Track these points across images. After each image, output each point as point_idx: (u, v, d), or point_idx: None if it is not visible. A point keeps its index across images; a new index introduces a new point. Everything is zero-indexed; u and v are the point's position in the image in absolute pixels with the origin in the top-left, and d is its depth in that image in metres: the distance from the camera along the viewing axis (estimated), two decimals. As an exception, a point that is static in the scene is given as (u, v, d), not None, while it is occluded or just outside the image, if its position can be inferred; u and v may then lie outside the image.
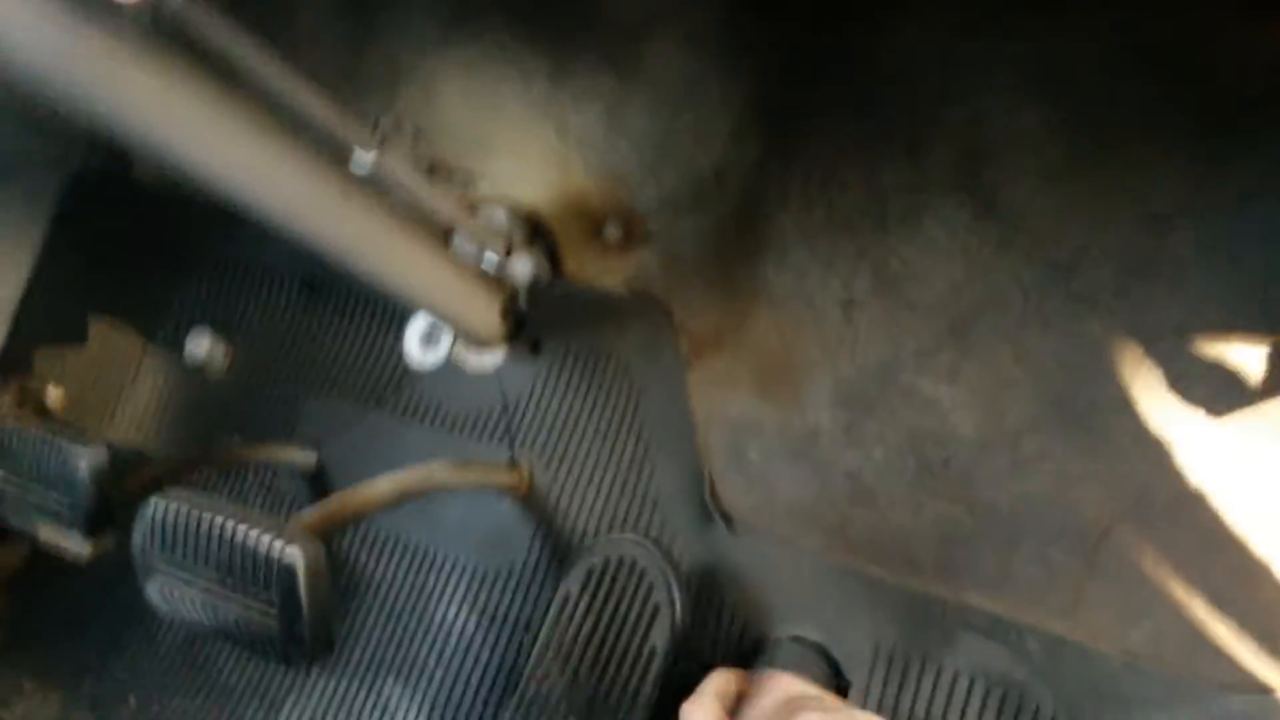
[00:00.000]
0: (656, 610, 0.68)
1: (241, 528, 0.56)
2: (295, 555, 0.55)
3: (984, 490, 0.64)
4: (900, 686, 0.64)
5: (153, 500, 0.59)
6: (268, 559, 0.55)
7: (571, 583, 0.71)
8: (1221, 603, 0.62)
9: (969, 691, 0.63)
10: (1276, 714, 0.60)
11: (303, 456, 0.86)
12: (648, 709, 0.67)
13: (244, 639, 0.58)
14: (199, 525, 0.57)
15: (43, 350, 0.98)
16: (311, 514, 0.62)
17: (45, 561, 0.96)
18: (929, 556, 0.64)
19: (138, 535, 0.59)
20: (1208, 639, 0.62)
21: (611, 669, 0.68)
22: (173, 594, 0.60)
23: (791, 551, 0.66)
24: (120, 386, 0.98)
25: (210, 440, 0.92)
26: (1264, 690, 0.61)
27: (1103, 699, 0.61)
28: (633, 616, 0.68)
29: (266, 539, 0.55)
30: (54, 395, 0.95)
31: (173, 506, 0.58)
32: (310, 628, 0.55)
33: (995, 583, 0.63)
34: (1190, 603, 0.62)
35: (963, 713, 0.63)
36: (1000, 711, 0.63)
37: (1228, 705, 0.60)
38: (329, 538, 0.60)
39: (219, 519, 0.57)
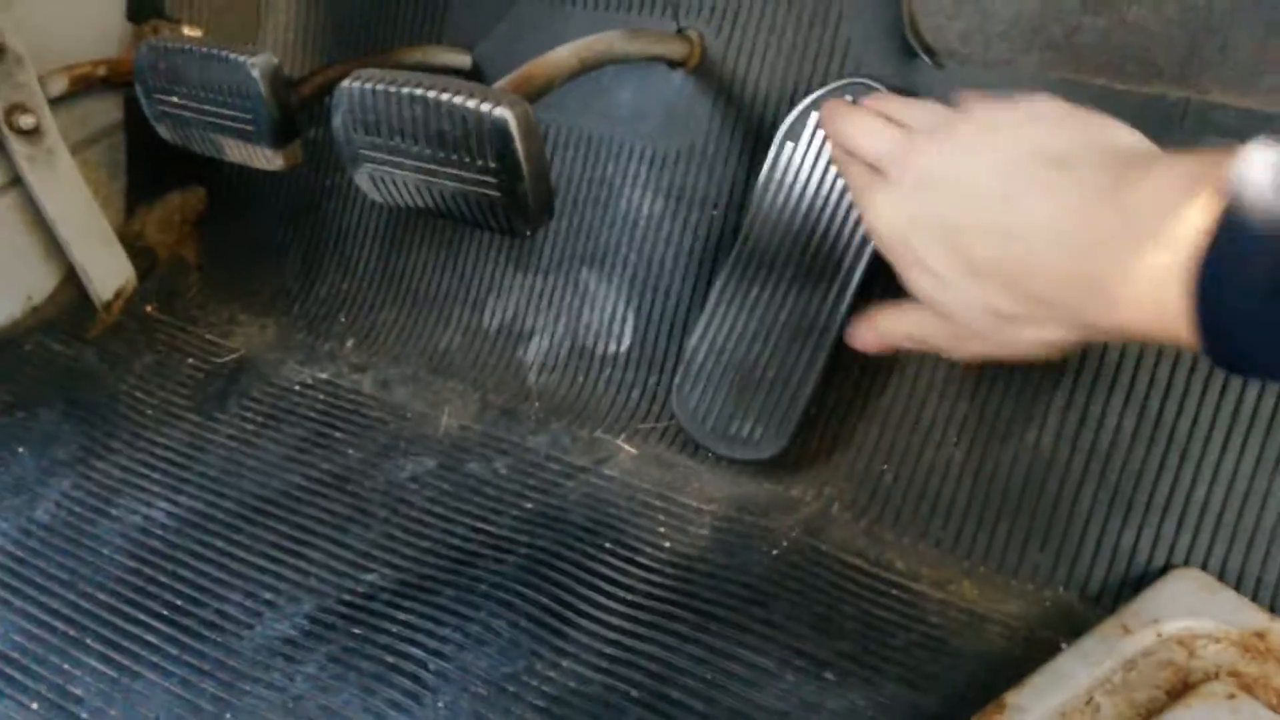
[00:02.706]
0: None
1: (445, 95, 0.54)
2: (506, 114, 0.53)
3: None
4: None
5: (346, 83, 0.57)
6: (479, 122, 0.54)
7: (791, 134, 0.69)
8: None
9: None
10: None
11: (456, 57, 0.84)
12: (865, 250, 0.67)
13: (464, 213, 0.59)
14: (399, 100, 0.56)
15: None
16: (503, 84, 0.60)
17: (225, 202, 0.99)
18: (1171, 56, 0.58)
19: (338, 121, 0.58)
20: None
21: (826, 219, 0.68)
22: (384, 179, 0.60)
23: (1009, 74, 0.61)
24: (256, 15, 0.95)
25: (361, 53, 0.89)
26: None
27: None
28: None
29: (474, 102, 0.54)
30: (192, 36, 0.92)
31: (368, 86, 0.56)
32: (531, 187, 0.55)
33: (1247, 75, 0.57)
34: None
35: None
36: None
37: None
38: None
39: (420, 90, 0.55)
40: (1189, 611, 0.58)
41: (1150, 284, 0.39)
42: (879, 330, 0.55)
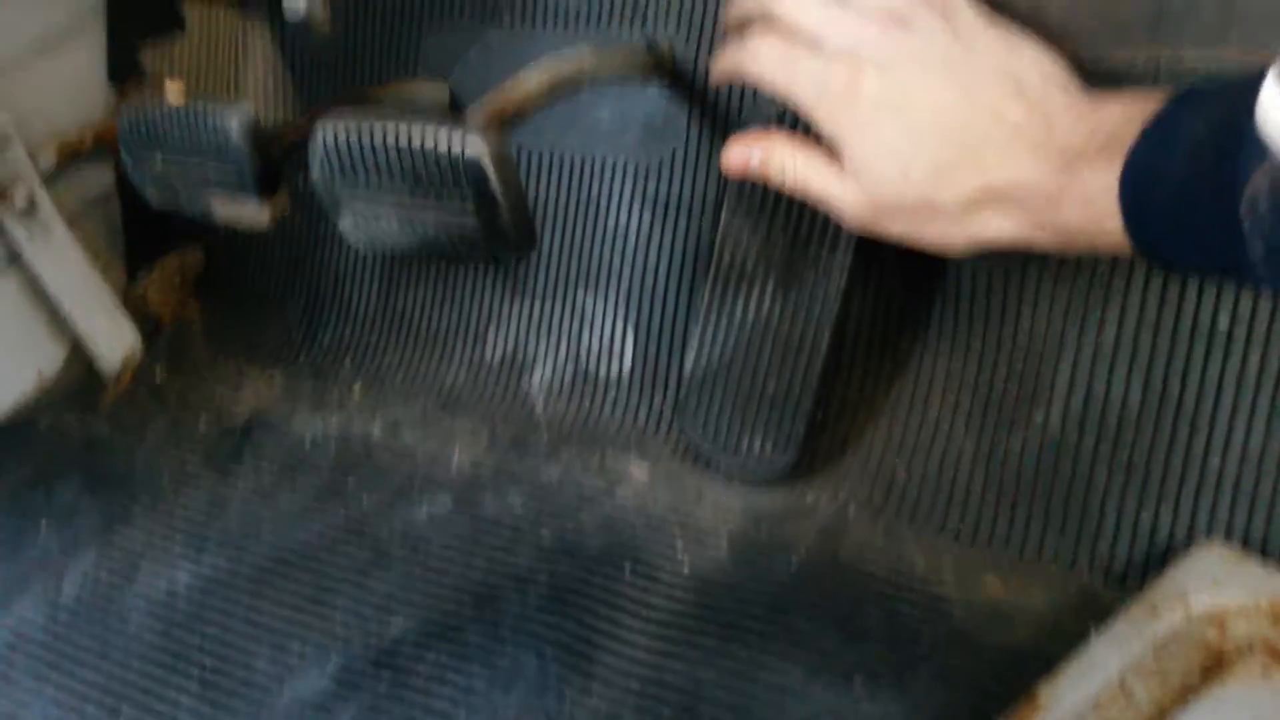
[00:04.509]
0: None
1: (417, 128, 0.54)
2: (478, 143, 0.53)
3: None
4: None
5: (319, 127, 0.57)
6: (450, 154, 0.54)
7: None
8: None
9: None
10: None
11: (434, 89, 0.84)
12: (848, 249, 0.66)
13: (447, 246, 0.58)
14: (372, 138, 0.56)
15: (147, 48, 0.96)
16: (476, 112, 0.59)
17: (223, 258, 1.00)
18: (1138, 16, 0.57)
19: (315, 167, 0.58)
20: None
21: (806, 218, 0.67)
22: (366, 223, 0.60)
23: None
24: (234, 65, 0.96)
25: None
26: None
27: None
28: (822, 161, 0.65)
29: (445, 133, 0.53)
30: (173, 90, 0.93)
31: (341, 125, 0.56)
32: (509, 216, 0.55)
33: (1218, 28, 0.56)
34: None
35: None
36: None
37: None
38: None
39: (391, 125, 0.55)
40: (1215, 586, 0.56)
41: (1093, 185, 0.46)
42: (771, 160, 0.59)
